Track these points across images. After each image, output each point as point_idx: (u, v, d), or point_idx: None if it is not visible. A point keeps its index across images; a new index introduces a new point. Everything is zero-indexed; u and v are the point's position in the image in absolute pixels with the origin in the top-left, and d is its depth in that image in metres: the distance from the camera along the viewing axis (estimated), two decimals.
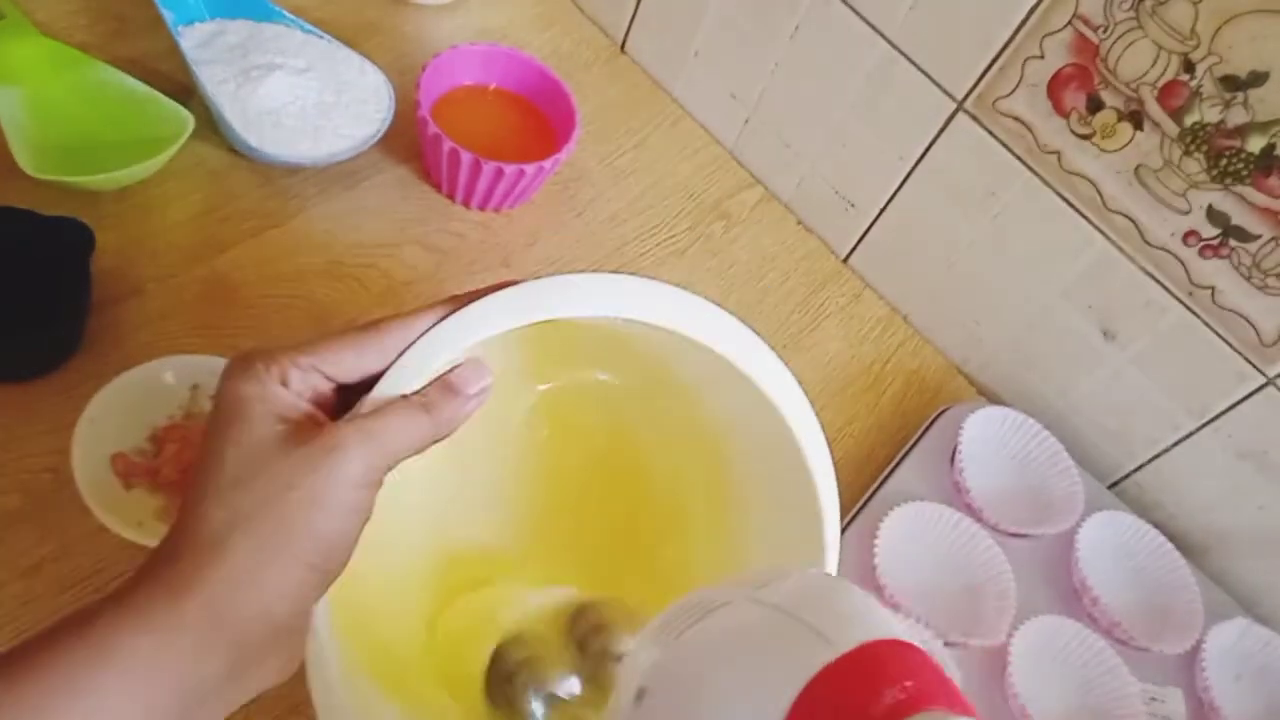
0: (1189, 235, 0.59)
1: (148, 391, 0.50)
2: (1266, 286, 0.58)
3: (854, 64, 0.67)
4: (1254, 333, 0.59)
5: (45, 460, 0.49)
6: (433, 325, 0.35)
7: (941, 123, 0.65)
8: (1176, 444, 0.66)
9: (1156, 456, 0.68)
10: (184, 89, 0.62)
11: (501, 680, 0.42)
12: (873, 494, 0.63)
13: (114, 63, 0.60)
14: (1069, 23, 0.57)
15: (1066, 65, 0.58)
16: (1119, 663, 0.59)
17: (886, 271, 0.75)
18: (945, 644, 0.56)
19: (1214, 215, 0.57)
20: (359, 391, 0.35)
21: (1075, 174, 0.61)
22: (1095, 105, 0.59)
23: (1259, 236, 0.56)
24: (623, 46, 0.81)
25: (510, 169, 0.62)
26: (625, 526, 0.48)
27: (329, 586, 0.32)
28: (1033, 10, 0.58)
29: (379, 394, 0.34)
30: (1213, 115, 0.55)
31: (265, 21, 0.65)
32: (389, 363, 0.35)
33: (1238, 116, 0.54)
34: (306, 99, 0.62)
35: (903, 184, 0.70)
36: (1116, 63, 0.57)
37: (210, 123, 0.62)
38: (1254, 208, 0.56)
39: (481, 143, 0.62)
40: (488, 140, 0.63)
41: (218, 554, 0.30)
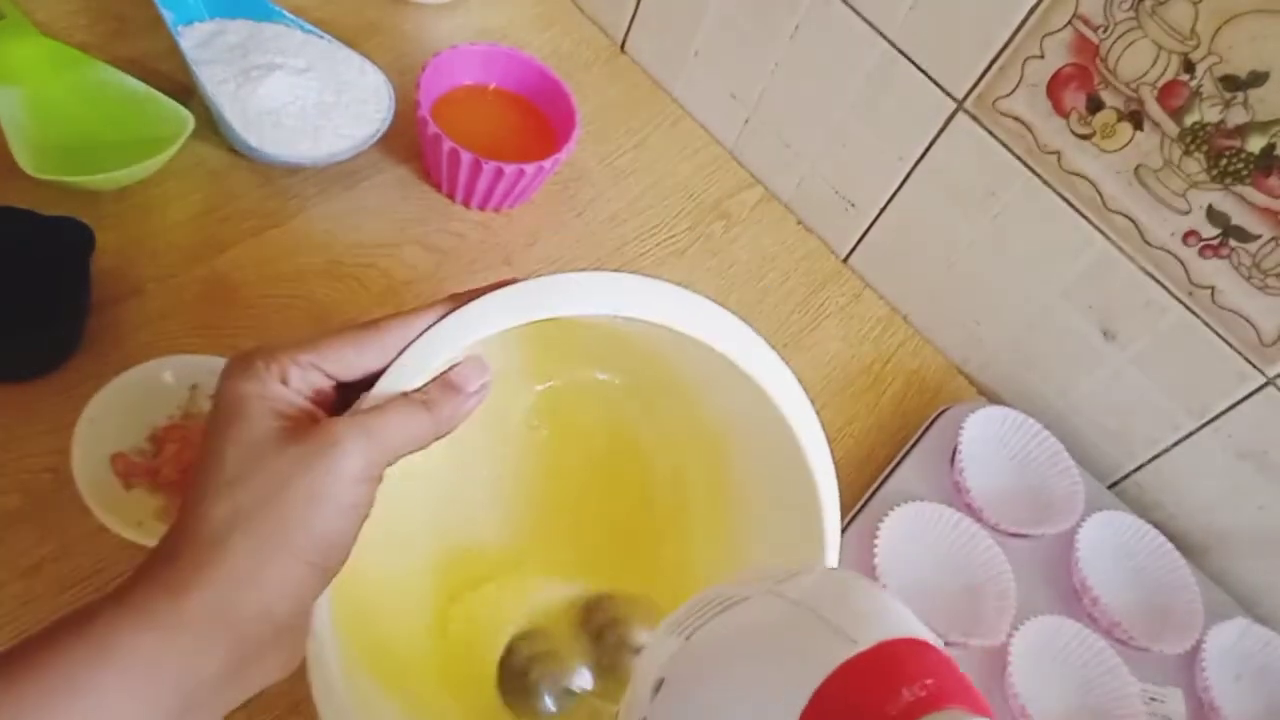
0: (1189, 235, 0.59)
1: (147, 391, 0.50)
2: (1266, 286, 0.58)
3: (854, 64, 0.67)
4: (1254, 333, 0.59)
5: (45, 460, 0.49)
6: (433, 323, 0.35)
7: (941, 123, 0.65)
8: (1176, 444, 0.66)
9: (1156, 456, 0.68)
10: (184, 89, 0.62)
11: (516, 674, 0.42)
12: (873, 494, 0.63)
13: (114, 63, 0.60)
14: (1069, 23, 0.57)
15: (1066, 65, 0.59)
16: (1119, 663, 0.59)
17: (886, 271, 0.75)
18: (945, 644, 0.56)
19: (1214, 215, 0.57)
20: (359, 389, 0.35)
21: (1075, 174, 0.61)
22: (1095, 105, 0.59)
23: (1259, 236, 0.56)
24: (623, 46, 0.81)
25: (510, 169, 0.62)
26: (625, 526, 0.48)
27: (329, 583, 0.32)
28: (1033, 10, 0.58)
29: (379, 391, 0.34)
30: (1213, 115, 0.55)
31: (265, 21, 0.65)
32: (389, 361, 0.35)
33: (1238, 116, 0.54)
34: (306, 99, 0.62)
35: (903, 184, 0.70)
36: (1116, 63, 0.57)
37: (210, 123, 0.62)
38: (1254, 208, 0.56)
39: (481, 143, 0.62)
40: (488, 140, 0.63)
41: (217, 553, 0.30)
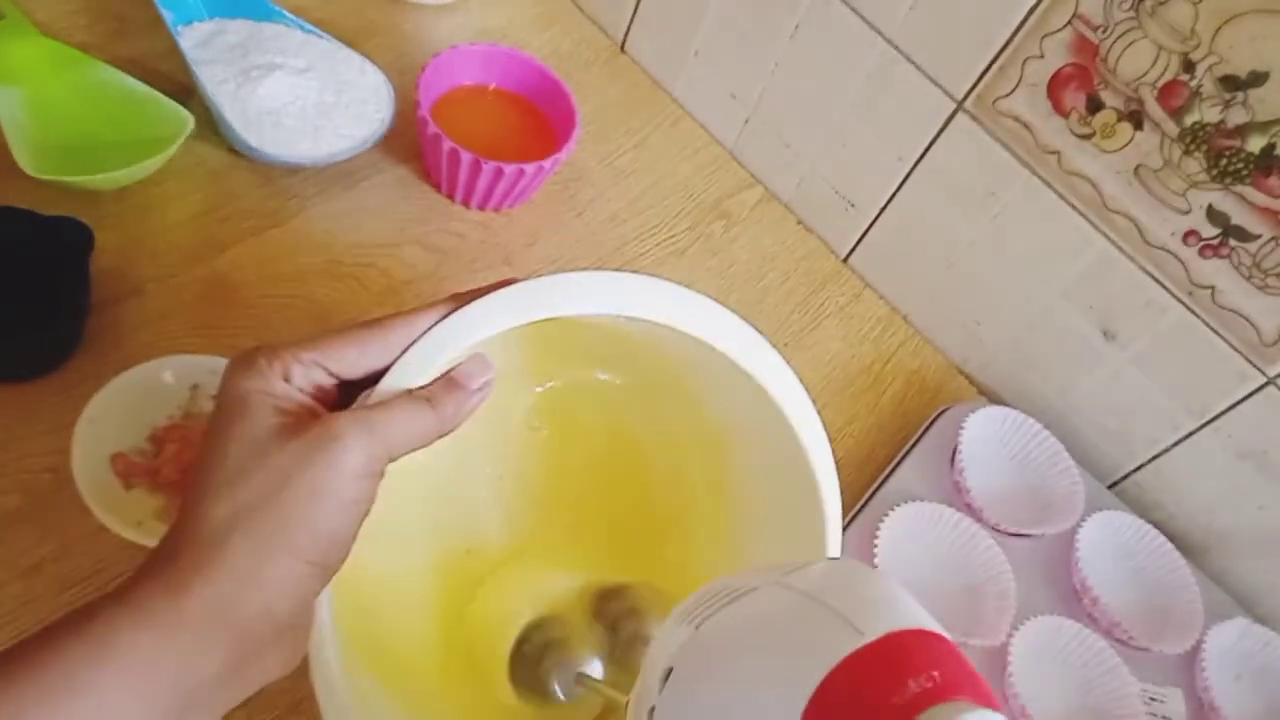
0: (1189, 235, 0.59)
1: (148, 391, 0.50)
2: (1266, 286, 0.58)
3: (854, 64, 0.67)
4: (1254, 333, 0.59)
5: (45, 460, 0.49)
6: (436, 322, 0.35)
7: (941, 123, 0.65)
8: (1176, 444, 0.66)
9: (1156, 456, 0.68)
10: (184, 89, 0.62)
11: (530, 662, 0.42)
12: (873, 494, 0.63)
13: (114, 63, 0.60)
14: (1069, 23, 0.57)
15: (1066, 65, 0.59)
16: (1119, 663, 0.59)
17: (886, 271, 0.75)
18: None
19: (1214, 215, 0.57)
20: (362, 388, 0.35)
21: (1075, 174, 0.61)
22: (1095, 105, 0.59)
23: (1259, 236, 0.56)
24: (623, 46, 0.81)
25: (510, 169, 0.62)
26: (626, 525, 0.48)
27: (329, 581, 0.32)
28: (1033, 10, 0.58)
29: (382, 389, 0.34)
30: (1213, 115, 0.55)
31: (265, 21, 0.65)
32: (392, 359, 0.35)
33: (1238, 116, 0.54)
34: (306, 99, 0.62)
35: (903, 184, 0.70)
36: (1116, 63, 0.57)
37: (210, 123, 0.62)
38: (1254, 208, 0.56)
39: (481, 143, 0.62)
40: (488, 140, 0.63)
41: (218, 552, 0.30)
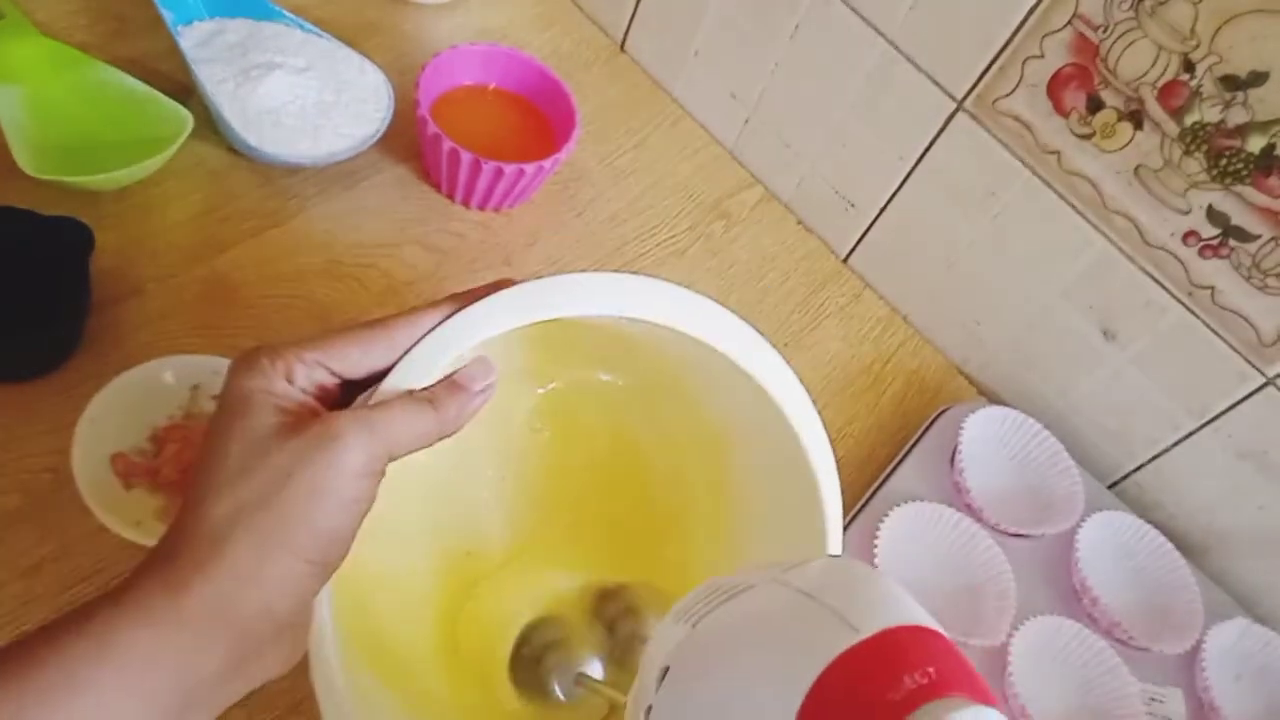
0: (1189, 235, 0.59)
1: (148, 391, 0.50)
2: (1266, 286, 0.58)
3: (854, 64, 0.67)
4: (1254, 333, 0.59)
5: (45, 460, 0.49)
6: (439, 323, 0.35)
7: (941, 123, 0.65)
8: (1176, 444, 0.66)
9: (1156, 456, 0.68)
10: (184, 88, 0.62)
11: (530, 662, 0.42)
12: (873, 494, 0.63)
13: (114, 63, 0.60)
14: (1069, 22, 0.57)
15: (1066, 65, 0.59)
16: (1119, 663, 0.59)
17: (886, 271, 0.75)
18: None
19: (1214, 215, 0.57)
20: (365, 388, 0.35)
21: (1075, 174, 0.61)
22: (1095, 105, 0.59)
23: (1259, 236, 0.56)
24: (622, 46, 0.81)
25: (510, 169, 0.62)
26: (627, 526, 0.48)
27: (329, 579, 0.32)
28: (1033, 10, 0.58)
29: (385, 389, 0.34)
30: (1213, 115, 0.55)
31: (265, 20, 0.65)
32: (395, 359, 0.35)
33: (1238, 116, 0.54)
34: (306, 98, 0.62)
35: (903, 184, 0.70)
36: (1116, 62, 0.57)
37: (210, 122, 0.61)
38: (1254, 208, 0.56)
39: (481, 143, 0.62)
40: (488, 140, 0.63)
41: (218, 550, 0.30)
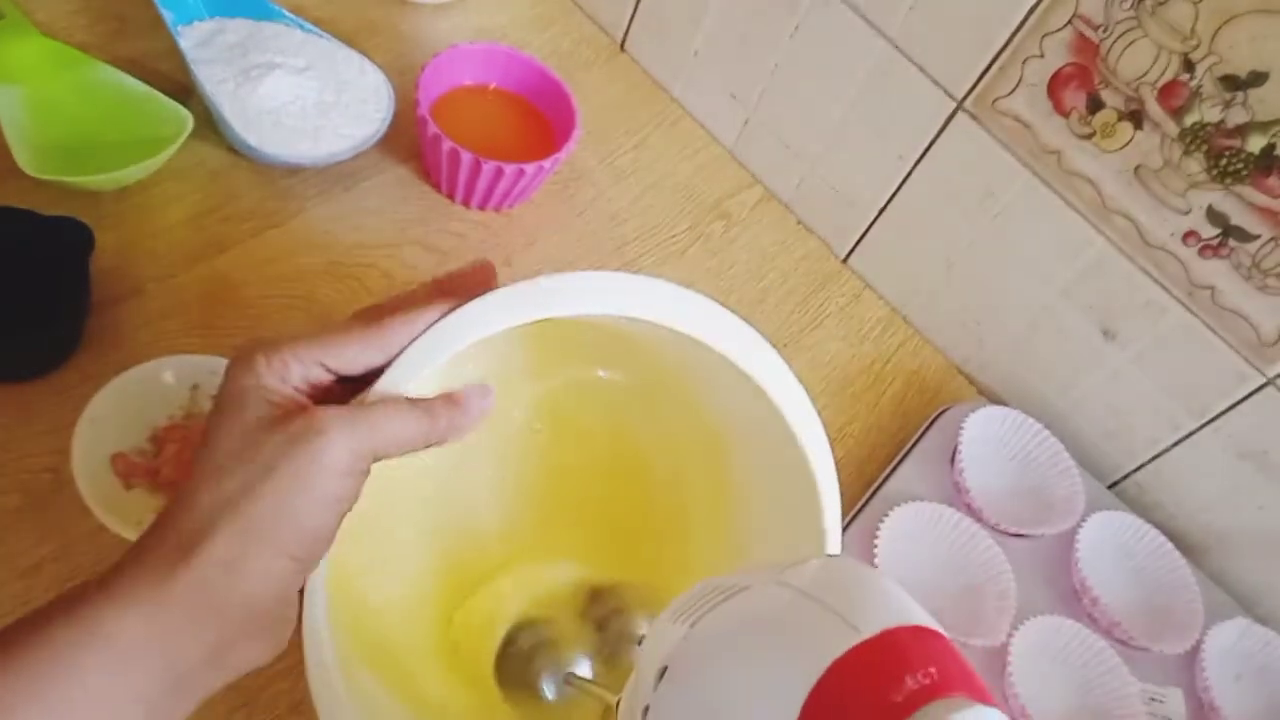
0: (1189, 235, 0.59)
1: (148, 391, 0.50)
2: (1266, 286, 0.58)
3: (854, 64, 0.67)
4: (1254, 333, 0.59)
5: (45, 460, 0.49)
6: (436, 321, 0.35)
7: (941, 123, 0.65)
8: (1176, 444, 0.66)
9: (1156, 456, 0.68)
10: (184, 89, 0.62)
11: (519, 662, 0.42)
12: (873, 494, 0.63)
13: (114, 63, 0.60)
14: (1069, 22, 0.57)
15: (1066, 65, 0.58)
16: (1119, 663, 0.59)
17: (886, 271, 0.75)
18: None
19: (1214, 215, 0.57)
20: (363, 385, 0.35)
21: (1075, 174, 0.61)
22: (1095, 105, 0.59)
23: (1259, 236, 0.56)
24: (622, 46, 0.81)
25: (510, 169, 0.62)
26: (626, 525, 0.48)
27: (308, 574, 0.32)
28: (1033, 10, 0.58)
29: (379, 389, 0.34)
30: (1213, 115, 0.55)
31: (265, 20, 0.65)
32: (392, 357, 0.35)
33: (1238, 116, 0.54)
34: (306, 99, 0.62)
35: (903, 184, 0.70)
36: (1116, 62, 0.57)
37: (210, 122, 0.62)
38: (1254, 208, 0.56)
39: (481, 143, 0.62)
40: (488, 140, 0.63)
41: (201, 541, 0.30)
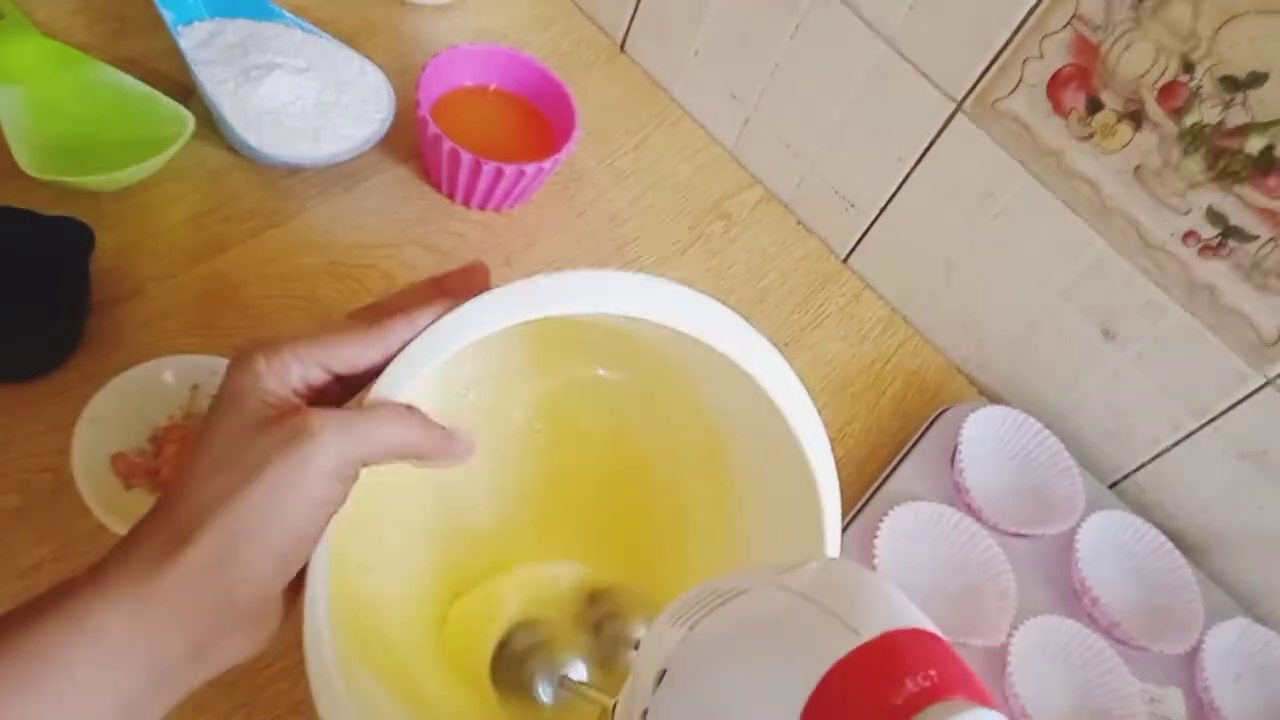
0: (1189, 235, 0.59)
1: (148, 391, 0.50)
2: (1266, 286, 0.58)
3: (854, 64, 0.67)
4: (1254, 333, 0.59)
5: (45, 460, 0.49)
6: (435, 320, 0.35)
7: (941, 123, 0.65)
8: (1176, 444, 0.66)
9: (1156, 456, 0.68)
10: (184, 89, 0.62)
11: (514, 664, 0.42)
12: (873, 494, 0.63)
13: (114, 63, 0.60)
14: (1069, 23, 0.57)
15: (1066, 65, 0.58)
16: (1119, 663, 0.59)
17: (886, 271, 0.75)
18: None
19: (1213, 215, 0.57)
20: (362, 384, 0.35)
21: (1075, 174, 0.61)
22: (1095, 105, 0.59)
23: (1258, 237, 0.56)
24: (622, 46, 0.81)
25: (510, 169, 0.62)
26: (625, 526, 0.48)
27: (291, 575, 0.33)
28: (1032, 10, 0.58)
29: (377, 394, 0.34)
30: (1212, 115, 0.55)
31: (265, 21, 0.65)
32: (392, 355, 0.35)
33: (1237, 117, 0.54)
34: (306, 99, 0.62)
35: (903, 184, 0.70)
36: (1116, 63, 0.57)
37: (210, 123, 0.62)
38: (1253, 208, 0.56)
39: (481, 143, 0.62)
40: (488, 140, 0.63)
41: (188, 540, 0.30)
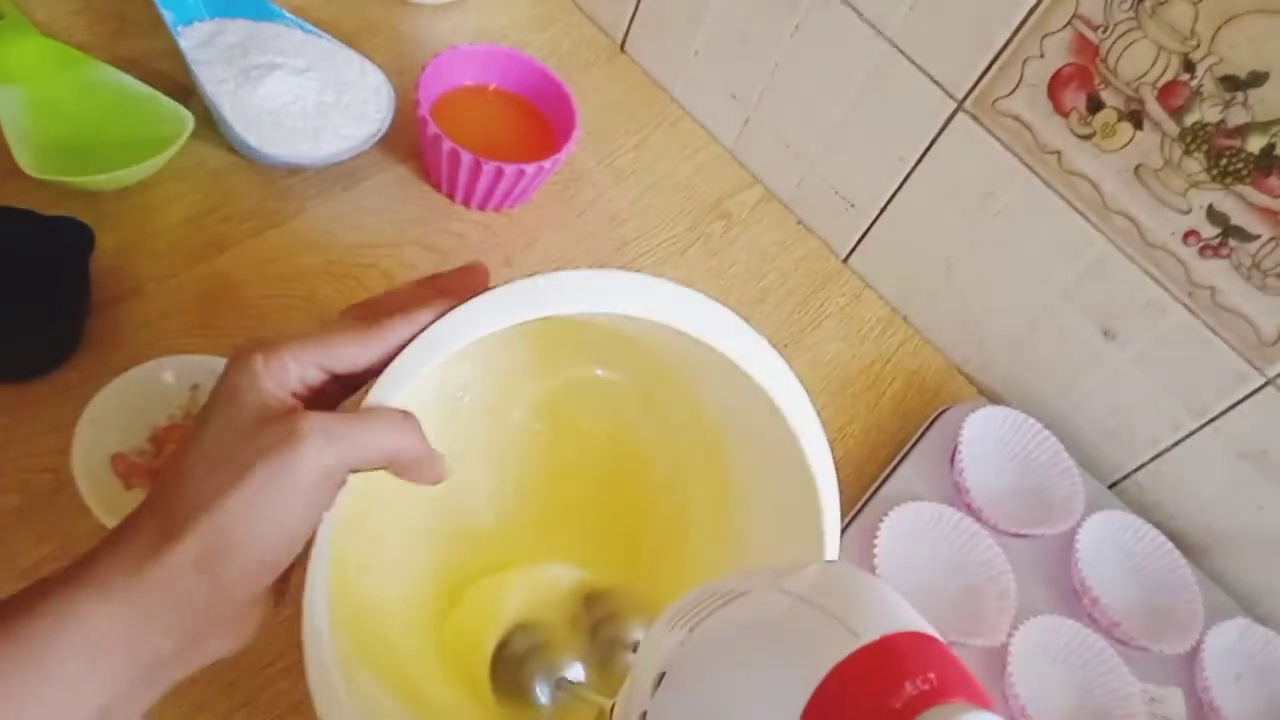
0: (1189, 235, 0.59)
1: (148, 391, 0.50)
2: (1266, 286, 0.58)
3: (854, 64, 0.67)
4: (1254, 333, 0.59)
5: (45, 460, 0.49)
6: (434, 320, 0.35)
7: (941, 123, 0.65)
8: (1176, 444, 0.66)
9: (1156, 456, 0.68)
10: (184, 89, 0.62)
11: (511, 666, 0.42)
12: (873, 494, 0.63)
13: (114, 63, 0.60)
14: (1069, 23, 0.57)
15: (1066, 65, 0.58)
16: (1119, 663, 0.59)
17: (886, 271, 0.75)
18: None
19: (1214, 215, 0.57)
20: (361, 383, 0.35)
21: (1075, 174, 0.61)
22: (1095, 105, 0.59)
23: (1259, 236, 0.56)
24: (623, 46, 0.81)
25: (510, 169, 0.62)
26: (625, 525, 0.48)
27: (275, 576, 0.32)
28: (1033, 10, 0.58)
29: (377, 392, 0.34)
30: (1213, 115, 0.55)
31: (265, 21, 0.65)
32: (391, 356, 0.35)
33: (1238, 116, 0.54)
34: (306, 99, 0.62)
35: (903, 184, 0.70)
36: (1116, 63, 0.57)
37: (210, 123, 0.62)
38: (1254, 208, 0.56)
39: (481, 143, 0.62)
40: (488, 140, 0.63)
41: (174, 538, 0.30)
